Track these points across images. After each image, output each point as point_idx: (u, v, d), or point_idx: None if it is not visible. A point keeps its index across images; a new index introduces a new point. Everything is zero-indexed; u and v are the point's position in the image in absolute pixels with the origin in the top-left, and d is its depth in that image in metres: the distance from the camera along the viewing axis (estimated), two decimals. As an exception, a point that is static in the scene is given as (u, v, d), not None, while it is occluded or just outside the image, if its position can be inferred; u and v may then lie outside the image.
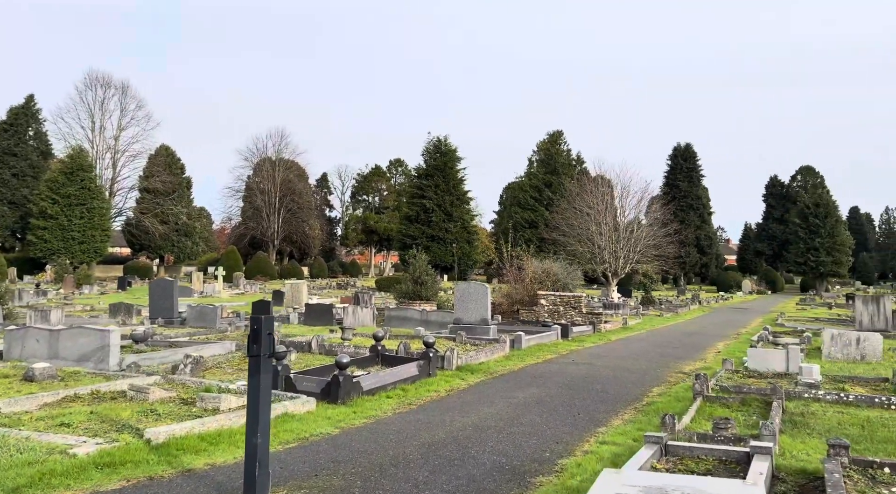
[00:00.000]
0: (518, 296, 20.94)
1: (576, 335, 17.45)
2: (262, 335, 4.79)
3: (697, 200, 76.49)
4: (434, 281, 23.07)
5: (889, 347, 14.25)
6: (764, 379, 10.77)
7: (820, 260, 68.10)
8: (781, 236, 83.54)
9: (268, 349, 4.84)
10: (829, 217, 69.67)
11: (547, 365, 12.32)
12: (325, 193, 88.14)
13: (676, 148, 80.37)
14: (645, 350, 15.18)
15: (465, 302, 15.24)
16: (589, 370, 11.76)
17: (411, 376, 10.44)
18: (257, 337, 4.80)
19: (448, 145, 52.92)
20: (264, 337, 4.80)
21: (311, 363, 12.02)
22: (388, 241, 75.32)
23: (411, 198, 53.06)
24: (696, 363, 13.34)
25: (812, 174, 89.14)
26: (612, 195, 47.36)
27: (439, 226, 50.68)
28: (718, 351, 15.36)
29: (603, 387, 10.04)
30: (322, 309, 20.11)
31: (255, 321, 4.85)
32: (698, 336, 19.17)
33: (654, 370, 12.05)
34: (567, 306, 19.83)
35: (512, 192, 76.63)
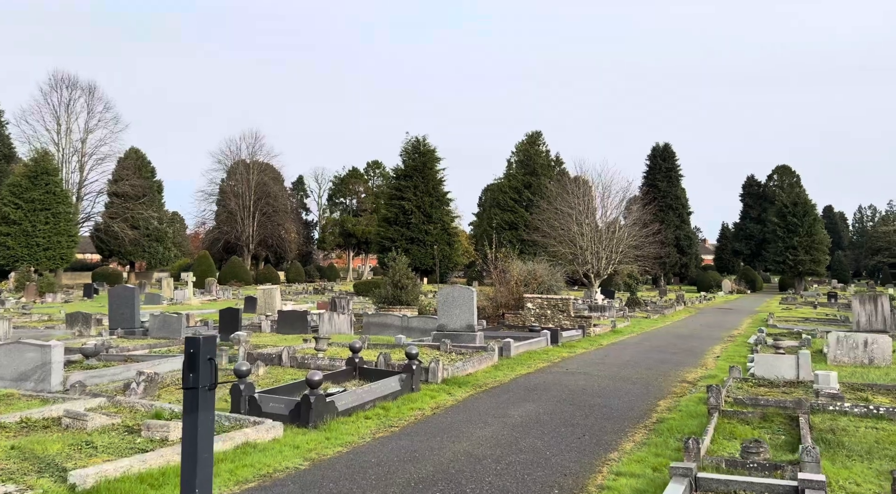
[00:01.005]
0: (503, 300, 19.97)
1: (566, 340, 16.52)
2: (199, 361, 3.71)
3: (676, 200, 76.47)
4: (415, 284, 22.00)
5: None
6: (776, 388, 9.91)
7: (798, 258, 68.27)
8: (759, 235, 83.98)
9: (208, 378, 3.75)
10: (807, 216, 69.96)
11: (540, 376, 11.34)
12: (301, 196, 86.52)
13: (655, 148, 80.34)
14: (641, 356, 14.28)
15: (450, 307, 14.22)
16: (586, 381, 10.80)
17: (392, 392, 9.38)
18: (194, 363, 3.72)
19: (427, 145, 51.88)
20: (203, 363, 3.71)
21: (280, 378, 10.89)
22: (367, 244, 74.01)
23: (390, 200, 51.92)
24: (698, 370, 12.47)
25: (789, 173, 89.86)
26: (592, 195, 46.82)
27: (419, 228, 49.62)
28: (717, 356, 14.54)
29: (605, 401, 9.08)
30: (296, 317, 18.93)
31: (192, 343, 3.76)
32: (692, 339, 18.38)
33: (655, 379, 11.13)
34: (555, 309, 18.90)
35: (491, 194, 75.90)
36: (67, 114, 60.12)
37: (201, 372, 3.66)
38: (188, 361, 3.73)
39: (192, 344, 3.73)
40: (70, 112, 60.16)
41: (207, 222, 76.42)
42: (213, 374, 3.76)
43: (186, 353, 3.75)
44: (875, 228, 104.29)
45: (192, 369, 3.68)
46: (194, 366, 3.66)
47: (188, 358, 3.74)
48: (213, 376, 3.75)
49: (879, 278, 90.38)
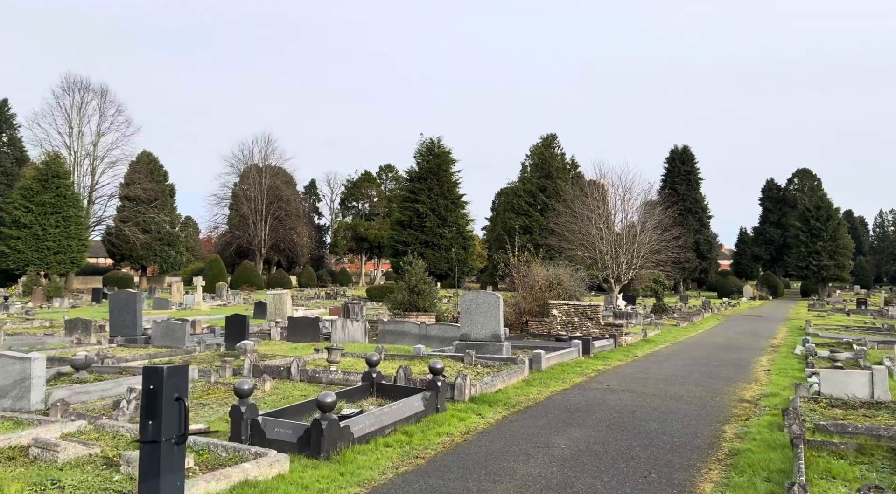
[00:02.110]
0: (526, 306, 18.75)
1: (597, 350, 15.27)
2: (162, 402, 2.56)
3: (696, 204, 74.77)
4: (432, 289, 20.84)
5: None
6: (854, 411, 8.62)
7: (822, 263, 66.23)
8: (779, 240, 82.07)
9: (175, 428, 2.60)
10: (831, 220, 67.95)
11: (579, 393, 10.11)
12: (313, 200, 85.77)
13: (674, 150, 78.72)
14: (684, 370, 13.01)
15: (473, 314, 13.03)
16: (633, 400, 9.56)
17: (415, 413, 8.21)
18: (154, 405, 2.57)
19: (441, 147, 50.71)
20: (167, 406, 2.56)
21: (289, 394, 9.76)
22: (379, 249, 73.03)
23: (403, 203, 50.81)
24: (752, 386, 11.18)
25: (809, 177, 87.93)
26: (611, 198, 45.51)
27: (433, 232, 48.44)
28: (768, 370, 13.22)
29: (662, 427, 7.84)
30: (307, 323, 17.82)
31: (151, 376, 2.61)
32: (732, 350, 17.04)
33: (710, 398, 9.87)
34: (582, 317, 17.65)
35: (505, 198, 74.61)
36: (79, 117, 59.74)
37: (164, 418, 2.53)
38: (146, 403, 2.59)
39: (152, 377, 2.59)
40: (82, 115, 59.78)
41: (220, 226, 75.85)
42: (182, 420, 2.62)
43: (144, 391, 2.60)
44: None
45: (152, 414, 2.54)
46: (154, 410, 2.53)
47: (146, 398, 2.59)
48: (181, 423, 2.60)
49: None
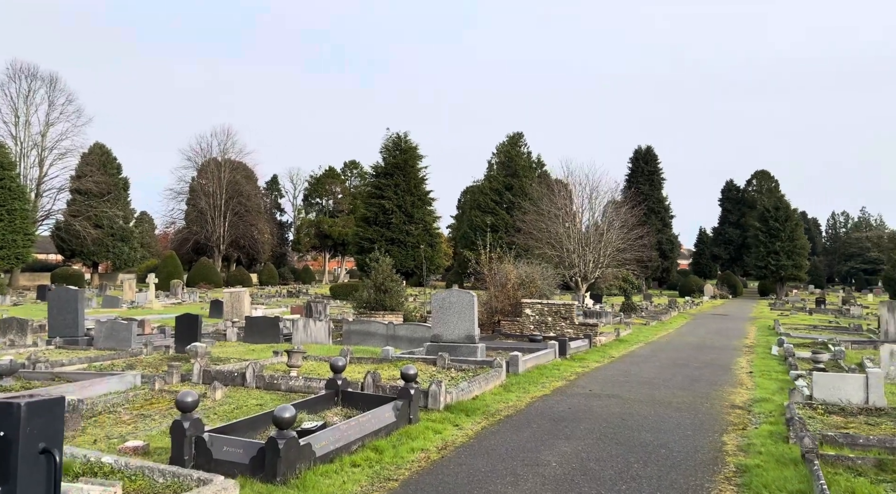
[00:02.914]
0: (499, 305, 18.04)
1: (573, 351, 14.63)
2: (14, 456, 1.65)
3: (659, 204, 75.60)
4: (400, 288, 19.95)
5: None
6: (854, 417, 8.11)
7: (780, 263, 67.56)
8: (738, 240, 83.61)
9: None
10: (789, 220, 69.40)
11: (562, 400, 9.39)
12: (275, 196, 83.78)
13: (637, 151, 79.45)
14: (665, 372, 12.44)
15: (445, 314, 12.21)
16: (620, 407, 8.88)
17: (386, 425, 7.35)
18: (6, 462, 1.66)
19: (408, 142, 49.69)
20: (23, 462, 1.66)
21: (243, 403, 8.79)
22: (344, 246, 71.62)
23: (369, 199, 49.65)
24: (739, 390, 10.66)
25: (767, 178, 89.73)
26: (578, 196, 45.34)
27: (400, 229, 47.42)
28: (750, 372, 12.76)
29: (658, 438, 7.16)
30: (266, 323, 16.74)
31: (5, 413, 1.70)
32: (708, 350, 16.64)
33: (700, 404, 9.27)
34: (556, 316, 17.02)
35: (471, 196, 74.10)
36: (26, 106, 56.76)
37: (21, 483, 1.63)
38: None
39: (7, 415, 1.69)
40: (29, 103, 56.81)
41: (177, 222, 73.30)
42: (52, 486, 1.71)
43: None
44: (848, 234, 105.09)
45: (4, 475, 1.65)
46: (6, 470, 1.63)
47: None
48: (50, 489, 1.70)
49: (853, 283, 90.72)
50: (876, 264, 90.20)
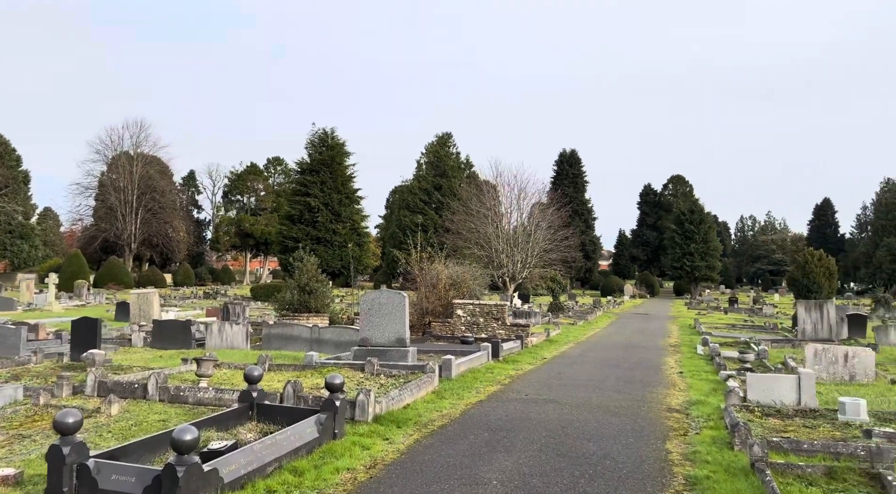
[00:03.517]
0: (429, 306, 17.45)
1: (506, 353, 14.24)
2: None
3: (582, 206, 77.42)
4: (325, 288, 18.98)
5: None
6: (791, 420, 8.03)
7: (695, 264, 70.46)
8: (655, 242, 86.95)
9: None
10: (703, 223, 72.56)
11: (497, 406, 8.89)
12: (192, 193, 79.84)
13: (562, 154, 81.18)
14: (597, 374, 12.22)
15: (375, 316, 11.49)
16: (559, 413, 8.46)
17: (307, 442, 6.58)
18: None
19: (335, 138, 48.19)
20: None
21: (143, 420, 7.76)
22: (266, 245, 69.08)
23: (293, 196, 47.82)
24: (672, 391, 10.52)
25: (682, 182, 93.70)
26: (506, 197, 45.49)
27: (326, 227, 45.91)
28: (680, 372, 12.75)
29: (600, 448, 6.75)
30: (176, 327, 15.43)
31: None
32: (636, 350, 16.69)
33: (637, 408, 9.00)
34: (488, 317, 16.61)
35: (400, 195, 73.38)
36: None
37: None
38: None
39: None
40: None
41: (84, 219, 68.42)
42: None
43: None
44: (755, 237, 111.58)
45: None
46: None
47: None
48: None
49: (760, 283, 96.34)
50: (780, 265, 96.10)
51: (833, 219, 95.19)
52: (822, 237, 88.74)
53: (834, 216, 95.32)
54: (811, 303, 17.38)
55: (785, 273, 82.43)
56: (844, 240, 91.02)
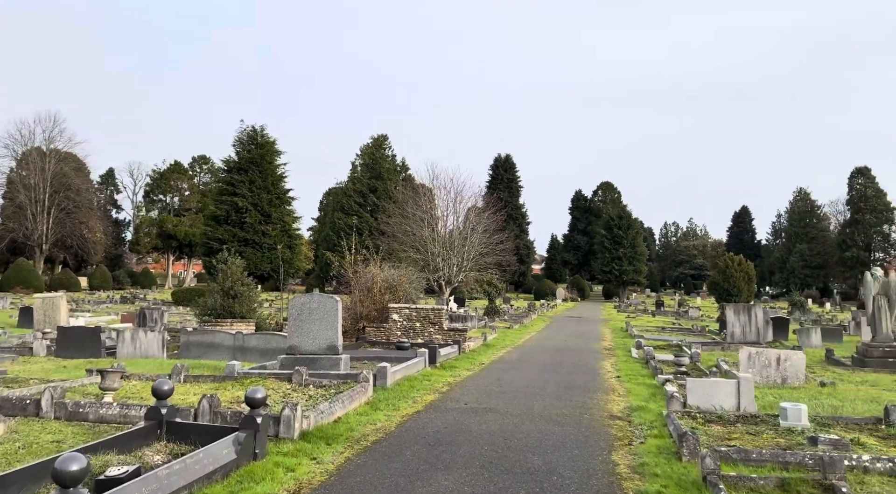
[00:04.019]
0: (364, 311, 16.75)
1: (443, 359, 13.77)
2: None
3: (517, 210, 78.24)
4: (252, 292, 17.95)
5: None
6: (733, 426, 7.90)
7: (623, 268, 72.40)
8: (586, 246, 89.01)
9: None
10: (631, 228, 74.77)
11: (435, 416, 8.36)
12: (111, 192, 75.51)
13: (497, 158, 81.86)
14: (537, 379, 11.91)
15: (305, 322, 10.74)
16: (500, 423, 8.02)
17: (223, 465, 5.85)
18: None
19: (265, 136, 46.38)
20: None
21: (34, 442, 6.80)
22: (190, 247, 66.04)
23: (220, 196, 45.70)
24: (612, 397, 10.32)
25: (611, 189, 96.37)
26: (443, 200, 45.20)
27: (255, 229, 44.09)
28: (618, 376, 12.63)
29: (546, 462, 6.34)
30: (84, 335, 14.13)
31: None
32: (573, 354, 16.58)
33: (579, 415, 8.69)
34: (425, 322, 16.10)
35: (334, 198, 71.96)
36: None
37: None
38: None
39: None
40: None
41: (-10, 217, 63.35)
42: None
43: None
44: (678, 243, 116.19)
45: None
46: None
47: None
48: None
49: (682, 287, 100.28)
50: (701, 270, 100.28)
51: (750, 225, 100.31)
52: (740, 243, 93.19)
53: (751, 223, 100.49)
54: (740, 307, 17.80)
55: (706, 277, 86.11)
56: (760, 246, 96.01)
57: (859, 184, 71.58)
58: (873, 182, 71.26)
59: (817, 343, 18.27)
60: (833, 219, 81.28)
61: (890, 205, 70.44)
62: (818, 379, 11.76)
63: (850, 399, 9.80)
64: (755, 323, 17.14)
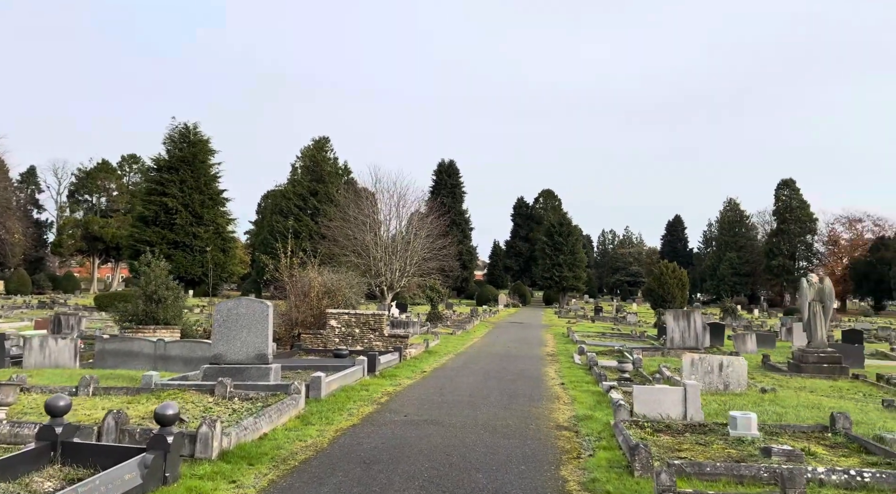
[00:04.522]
0: (300, 317, 15.92)
1: (383, 367, 13.14)
2: None
3: (460, 216, 78.27)
4: (177, 297, 16.81)
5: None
6: (682, 436, 7.65)
7: (563, 275, 73.43)
8: (527, 253, 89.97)
9: None
10: (571, 235, 76.01)
11: (373, 430, 7.76)
12: (31, 191, 71.01)
13: (441, 164, 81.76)
14: (481, 387, 11.47)
15: (232, 328, 9.92)
16: (443, 436, 7.50)
17: (126, 492, 5.09)
18: None
19: (198, 134, 44.35)
20: None
21: None
22: (118, 250, 62.70)
23: (148, 196, 43.40)
24: (558, 405, 9.98)
25: (552, 197, 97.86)
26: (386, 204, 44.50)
27: (185, 231, 42.05)
28: (563, 384, 12.34)
29: (490, 479, 5.86)
30: (-16, 344, 12.75)
31: None
32: (516, 360, 16.26)
33: (525, 426, 8.27)
34: (364, 328, 15.43)
35: (273, 200, 70.01)
36: None
37: None
38: None
39: None
40: None
41: None
42: None
43: None
44: (615, 250, 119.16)
45: None
46: None
47: None
48: None
49: (619, 293, 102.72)
50: (636, 277, 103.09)
51: (683, 234, 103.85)
52: (673, 251, 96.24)
53: (684, 232, 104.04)
54: (679, 312, 17.94)
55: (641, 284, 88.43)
56: (692, 254, 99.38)
57: (785, 195, 75.13)
58: (798, 194, 74.92)
59: (752, 348, 18.62)
60: (760, 229, 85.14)
61: (813, 216, 74.24)
62: (759, 385, 11.80)
63: (793, 405, 9.79)
64: (694, 329, 17.30)
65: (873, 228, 74.19)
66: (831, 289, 13.72)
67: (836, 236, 76.58)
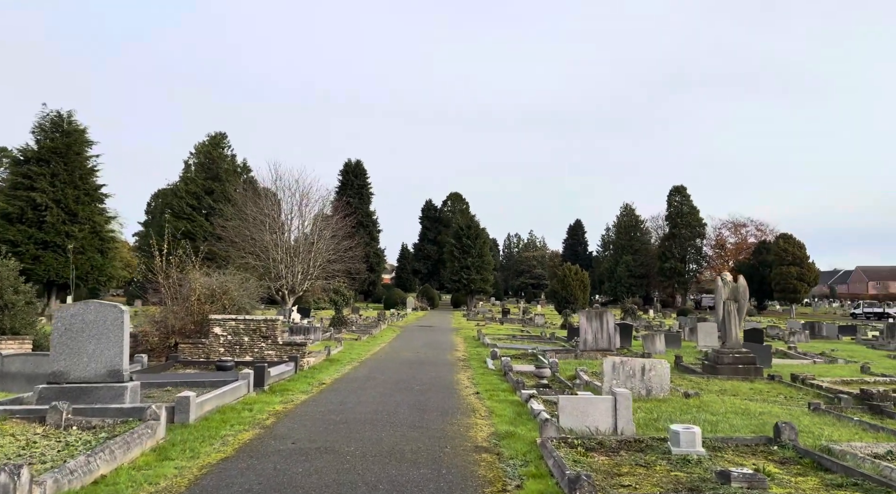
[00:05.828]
0: (178, 323, 13.86)
1: (274, 380, 11.48)
2: None
3: (367, 217, 76.42)
4: (29, 302, 14.24)
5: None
6: (617, 454, 6.68)
7: (471, 277, 73.35)
8: (436, 256, 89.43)
9: None
10: (479, 238, 76.11)
11: (249, 465, 6.22)
12: None
13: (347, 164, 79.54)
14: (388, 401, 10.11)
15: (77, 339, 8.00)
16: (338, 470, 6.08)
17: None
18: None
19: (74, 123, 39.85)
20: None
21: None
22: (-20, 251, 55.82)
23: (13, 190, 38.50)
24: (475, 420, 8.81)
25: (460, 200, 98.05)
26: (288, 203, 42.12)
27: (57, 230, 37.57)
28: (477, 393, 11.22)
29: (400, 531, 4.53)
30: None
31: None
32: (426, 367, 15.03)
33: (438, 450, 7.01)
34: (255, 335, 13.64)
35: (164, 199, 65.13)
36: None
37: None
38: None
39: None
40: None
41: None
42: None
43: None
44: (520, 253, 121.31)
45: None
46: None
47: None
48: None
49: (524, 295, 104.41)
50: (540, 279, 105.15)
51: (583, 238, 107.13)
52: (574, 254, 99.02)
53: (584, 236, 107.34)
54: (593, 313, 17.42)
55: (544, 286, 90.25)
56: (592, 257, 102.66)
57: (676, 201, 78.97)
58: (688, 200, 78.99)
59: (662, 349, 18.44)
60: (654, 233, 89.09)
61: (702, 221, 78.55)
62: (681, 389, 11.22)
63: (722, 412, 9.16)
64: (606, 330, 16.82)
65: (756, 233, 79.62)
66: (745, 288, 13.54)
67: (723, 240, 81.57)
